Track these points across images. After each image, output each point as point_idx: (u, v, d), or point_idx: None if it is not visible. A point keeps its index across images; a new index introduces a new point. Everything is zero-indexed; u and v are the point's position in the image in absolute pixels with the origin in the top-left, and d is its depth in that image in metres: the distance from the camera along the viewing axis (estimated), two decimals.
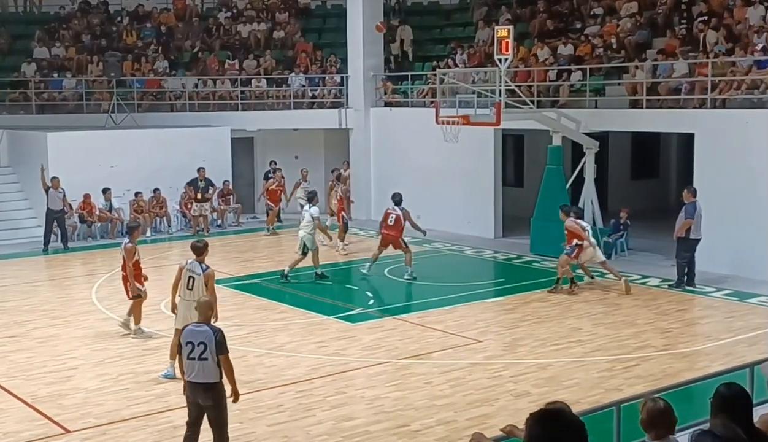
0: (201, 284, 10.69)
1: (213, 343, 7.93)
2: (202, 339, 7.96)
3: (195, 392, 8.10)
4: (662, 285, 15.86)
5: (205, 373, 7.97)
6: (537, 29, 22.58)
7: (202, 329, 8.07)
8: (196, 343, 7.97)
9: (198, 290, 10.66)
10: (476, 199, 21.18)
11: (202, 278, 10.71)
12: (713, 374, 9.52)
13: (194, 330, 8.12)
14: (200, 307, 8.40)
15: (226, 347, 8.06)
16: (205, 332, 8.02)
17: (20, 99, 25.09)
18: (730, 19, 18.44)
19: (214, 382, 8.01)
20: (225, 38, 27.25)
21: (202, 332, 8.02)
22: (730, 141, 16.37)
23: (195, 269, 10.84)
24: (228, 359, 8.05)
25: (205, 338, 7.96)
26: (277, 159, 23.95)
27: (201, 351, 7.94)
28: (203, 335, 7.99)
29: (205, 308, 8.33)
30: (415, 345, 12.40)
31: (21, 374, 11.33)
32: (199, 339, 7.97)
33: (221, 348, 7.98)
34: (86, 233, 21.42)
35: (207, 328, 8.08)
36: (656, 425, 5.21)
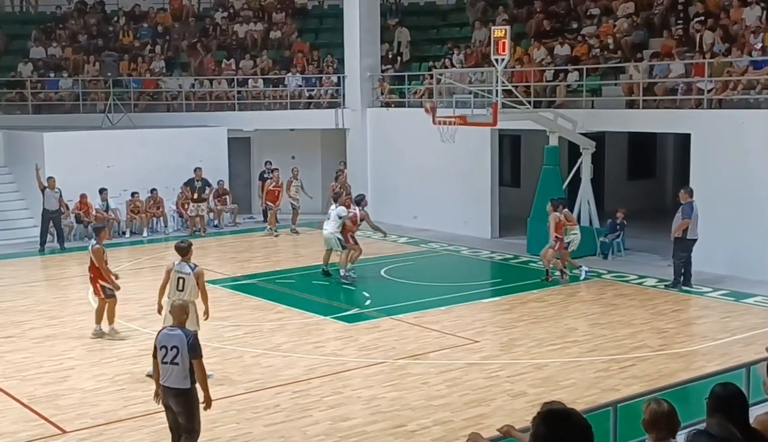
0: (192, 283, 10.74)
1: (185, 347, 7.82)
2: (175, 343, 7.87)
3: (167, 397, 8.05)
4: (659, 285, 15.87)
5: (177, 378, 7.88)
6: (534, 29, 22.59)
7: (176, 333, 7.97)
8: (169, 347, 7.88)
9: (189, 289, 10.73)
10: (473, 199, 21.19)
11: (193, 277, 10.75)
12: (709, 374, 9.53)
13: (168, 334, 8.03)
14: (174, 311, 8.30)
15: (200, 351, 7.95)
16: (178, 336, 7.92)
17: (17, 99, 25.06)
18: (726, 20, 18.46)
19: (184, 388, 7.92)
20: (222, 38, 27.24)
21: (175, 336, 7.93)
22: (727, 141, 16.40)
23: (184, 270, 10.87)
24: (201, 363, 7.93)
25: (177, 342, 7.87)
26: (273, 159, 23.94)
27: (173, 355, 7.85)
28: (176, 339, 7.90)
29: (179, 312, 8.23)
30: (412, 345, 12.41)
31: (17, 375, 11.32)
32: (172, 343, 7.89)
33: (194, 352, 7.86)
34: (83, 233, 21.38)
35: (180, 332, 7.98)
36: (659, 427, 5.20)
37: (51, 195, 19.99)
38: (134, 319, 13.92)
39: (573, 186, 19.06)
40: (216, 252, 20.70)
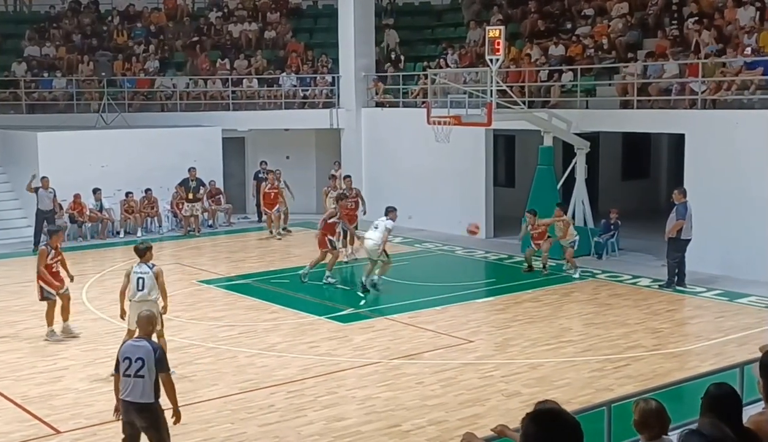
0: (152, 282, 10.82)
1: (152, 360, 7.50)
2: (141, 355, 7.54)
3: (128, 412, 7.67)
4: (653, 285, 15.90)
5: (140, 392, 7.53)
6: (528, 29, 22.62)
7: (141, 345, 7.65)
8: (134, 359, 7.54)
9: (149, 287, 10.82)
10: (468, 199, 21.19)
11: (152, 275, 10.83)
12: (703, 374, 9.55)
13: (133, 345, 7.72)
14: (140, 322, 7.94)
15: (167, 364, 7.72)
16: (144, 348, 7.59)
17: (10, 99, 24.99)
18: (720, 20, 18.50)
19: (148, 402, 7.56)
20: (216, 38, 27.22)
21: (141, 348, 7.60)
22: (721, 142, 16.43)
23: (142, 269, 10.92)
24: (169, 377, 7.68)
25: (143, 354, 7.53)
26: (268, 159, 23.93)
27: (138, 368, 7.50)
28: (142, 351, 7.57)
29: (145, 323, 7.88)
30: (407, 345, 12.41)
31: (11, 375, 11.29)
32: (137, 355, 7.55)
33: (161, 366, 7.56)
34: (77, 233, 21.36)
35: (146, 343, 7.65)
36: (649, 425, 5.23)
37: (45, 195, 19.94)
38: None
39: (567, 186, 19.08)
40: (210, 252, 20.70)
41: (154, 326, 8.15)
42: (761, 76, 16.35)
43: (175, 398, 7.70)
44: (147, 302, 10.66)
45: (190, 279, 17.06)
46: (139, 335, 7.90)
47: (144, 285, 10.84)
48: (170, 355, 11.88)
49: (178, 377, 11.08)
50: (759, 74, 16.39)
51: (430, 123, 18.07)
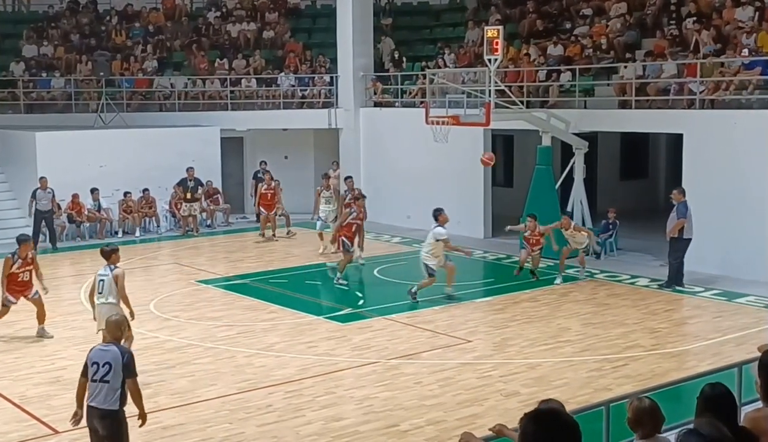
0: (110, 284, 10.72)
1: (119, 365, 7.32)
2: (108, 360, 7.36)
3: (91, 417, 7.48)
4: (651, 285, 15.91)
5: (105, 397, 7.35)
6: (526, 30, 22.62)
7: (109, 349, 7.47)
8: (101, 363, 7.37)
9: (107, 291, 10.73)
10: (466, 199, 21.19)
11: (111, 278, 10.73)
12: (701, 374, 9.54)
13: (101, 350, 7.52)
14: (109, 326, 7.77)
15: (135, 370, 7.47)
16: (112, 353, 7.40)
17: (8, 98, 24.96)
18: (719, 20, 18.51)
19: (111, 409, 7.37)
20: (214, 38, 27.21)
21: (109, 352, 7.42)
22: (719, 141, 16.44)
23: (103, 272, 10.87)
24: (136, 383, 7.45)
25: (111, 359, 7.35)
26: (266, 159, 23.91)
27: (104, 372, 7.33)
28: (109, 356, 7.38)
29: (113, 328, 7.69)
30: (405, 345, 12.41)
31: (9, 375, 11.29)
32: (104, 359, 7.37)
33: (129, 370, 7.37)
34: (75, 233, 21.35)
35: (115, 348, 7.47)
36: (643, 424, 5.25)
37: (43, 195, 19.93)
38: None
39: (566, 186, 19.08)
40: (208, 252, 20.68)
41: (123, 331, 7.89)
42: (759, 76, 16.36)
43: (141, 403, 7.53)
44: (107, 305, 10.63)
45: (189, 279, 17.06)
46: (107, 340, 7.70)
47: (103, 288, 10.79)
48: (168, 355, 11.98)
49: (176, 376, 11.12)
50: (757, 74, 16.40)
51: (428, 123, 18.07)
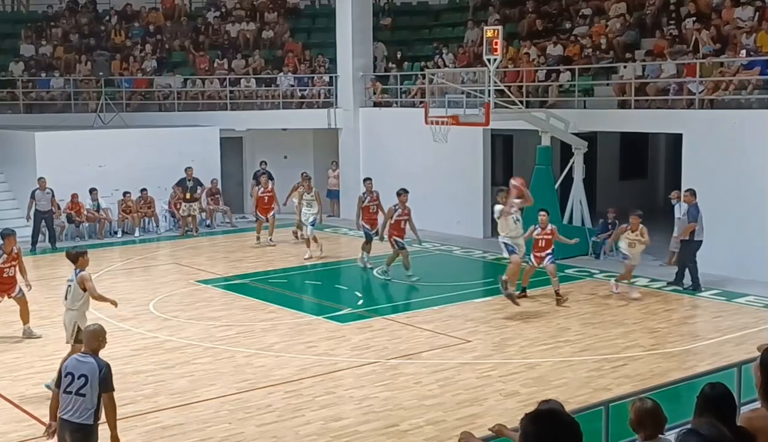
0: (75, 289, 10.32)
1: (96, 378, 6.99)
2: (84, 372, 7.02)
3: (63, 430, 7.15)
4: (651, 285, 15.90)
5: (79, 411, 7.01)
6: (526, 29, 22.62)
7: (86, 361, 7.11)
8: (77, 375, 7.03)
9: (73, 296, 10.35)
10: (465, 199, 21.20)
11: (75, 283, 10.35)
12: (701, 374, 9.55)
13: (78, 361, 7.17)
14: (86, 336, 7.40)
15: (112, 384, 7.13)
16: (89, 365, 7.06)
17: (8, 98, 24.97)
18: (718, 20, 18.51)
19: (84, 423, 7.03)
20: (214, 38, 27.21)
21: (86, 364, 7.07)
22: (718, 141, 16.44)
23: (70, 277, 10.51)
24: (112, 398, 7.11)
25: (87, 372, 7.01)
26: (266, 159, 23.92)
27: (80, 385, 7.00)
28: (86, 368, 7.04)
29: (90, 338, 7.30)
30: (404, 345, 12.41)
31: (8, 375, 11.28)
32: (80, 371, 7.03)
33: (106, 385, 7.03)
34: (74, 232, 21.35)
35: (92, 360, 7.12)
36: (645, 425, 5.24)
37: (42, 196, 19.90)
38: (126, 319, 13.88)
39: (565, 186, 19.09)
40: (208, 252, 20.67)
41: (101, 342, 7.37)
42: (759, 76, 16.36)
43: (114, 421, 7.16)
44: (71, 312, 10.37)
45: (188, 279, 17.05)
46: (84, 350, 7.29)
47: (68, 294, 10.44)
48: (168, 355, 11.97)
49: (176, 376, 11.12)
50: (756, 74, 16.40)
51: (428, 123, 18.07)
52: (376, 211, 17.74)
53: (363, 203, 17.73)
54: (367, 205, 17.69)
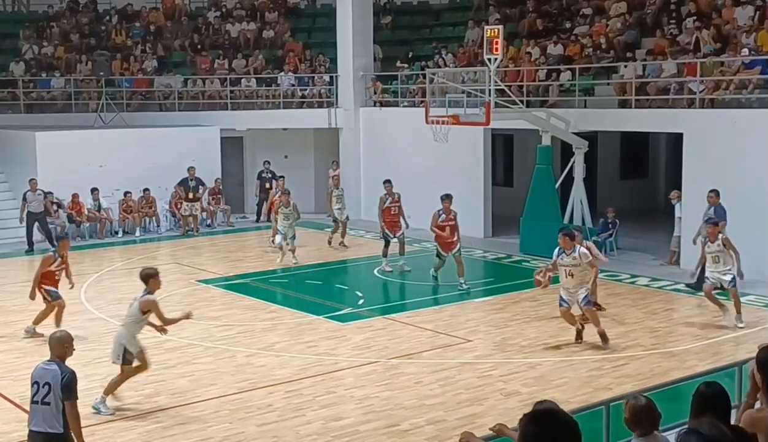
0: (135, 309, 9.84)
1: (58, 385, 6.69)
2: (48, 379, 6.73)
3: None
4: (651, 285, 15.89)
5: (46, 420, 6.72)
6: (526, 29, 22.62)
7: (51, 368, 6.83)
8: (42, 383, 6.75)
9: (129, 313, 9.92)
10: (466, 198, 21.13)
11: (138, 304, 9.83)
12: (701, 373, 9.55)
13: (43, 369, 6.88)
14: (51, 343, 7.06)
15: (75, 392, 6.77)
16: (52, 372, 6.78)
17: (8, 98, 24.99)
18: (719, 19, 18.51)
19: (56, 433, 6.73)
20: (214, 38, 27.21)
21: (50, 371, 6.80)
22: (719, 141, 16.43)
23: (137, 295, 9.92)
24: (74, 406, 6.76)
25: (50, 379, 6.73)
26: (266, 159, 23.92)
27: (44, 393, 6.71)
28: (49, 375, 6.75)
29: (56, 345, 7.00)
30: (405, 345, 12.41)
31: (9, 375, 11.28)
32: (45, 379, 6.75)
33: (67, 393, 6.69)
34: (75, 232, 21.35)
35: (56, 366, 6.83)
36: (640, 422, 5.26)
37: (33, 197, 19.75)
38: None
39: (565, 186, 19.08)
40: (209, 252, 20.68)
41: (67, 349, 7.08)
42: (759, 75, 16.36)
43: (80, 431, 6.85)
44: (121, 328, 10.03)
45: (189, 279, 17.05)
46: (51, 358, 6.97)
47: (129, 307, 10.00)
48: (168, 354, 11.96)
49: (176, 376, 11.12)
50: (757, 73, 16.40)
51: (428, 123, 18.07)
52: (397, 214, 17.54)
53: (384, 205, 17.50)
54: (389, 207, 17.47)
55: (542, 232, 18.28)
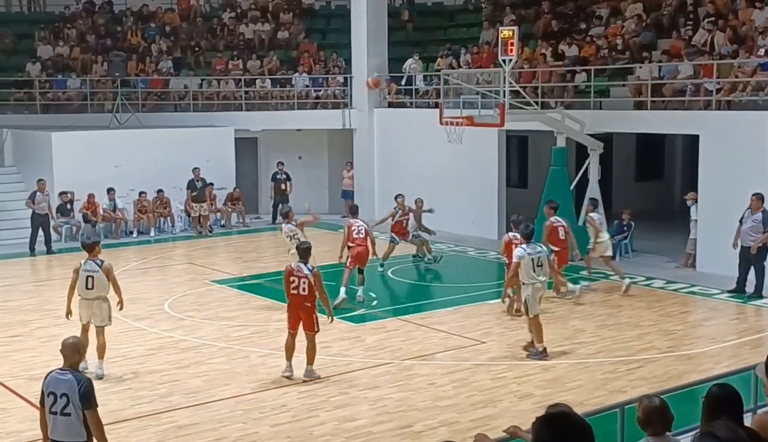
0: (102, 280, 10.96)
1: (76, 395, 6.59)
2: (65, 390, 6.62)
3: None
4: (667, 287, 15.81)
5: (68, 431, 6.64)
6: (541, 30, 22.56)
7: (66, 378, 6.68)
8: (59, 394, 6.63)
9: (99, 286, 10.96)
10: (480, 200, 21.16)
11: (101, 274, 10.94)
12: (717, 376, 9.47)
13: (57, 378, 6.72)
14: (65, 350, 6.91)
15: (94, 400, 6.69)
16: (69, 382, 6.65)
17: (25, 99, 25.14)
18: (735, 21, 18.41)
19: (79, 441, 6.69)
20: (229, 38, 27.28)
21: (66, 382, 6.65)
22: (735, 143, 16.33)
23: (92, 268, 11.00)
24: (96, 414, 6.68)
25: (67, 389, 6.62)
26: (280, 159, 23.96)
27: (63, 404, 6.60)
28: (66, 385, 6.63)
29: (70, 351, 6.87)
30: (419, 346, 12.39)
31: (24, 374, 11.33)
32: (61, 390, 6.63)
33: (86, 401, 6.61)
34: (90, 232, 21.41)
35: (71, 376, 6.69)
36: (653, 422, 5.25)
37: (42, 198, 19.76)
38: (141, 318, 13.94)
39: (580, 187, 19.02)
40: (223, 252, 20.74)
41: (82, 355, 7.02)
42: None
43: (104, 437, 6.73)
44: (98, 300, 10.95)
45: (203, 279, 17.09)
46: (64, 366, 6.83)
47: (93, 284, 10.94)
48: (183, 354, 12.00)
49: (190, 376, 11.14)
50: None
51: (442, 124, 18.04)
52: (406, 225, 17.94)
53: (395, 219, 17.83)
54: (400, 221, 17.81)
55: None
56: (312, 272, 10.75)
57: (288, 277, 10.81)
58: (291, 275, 10.79)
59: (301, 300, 10.76)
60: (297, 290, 10.73)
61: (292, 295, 10.81)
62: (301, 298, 10.74)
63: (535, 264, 11.68)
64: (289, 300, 10.92)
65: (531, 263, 11.65)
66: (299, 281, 10.73)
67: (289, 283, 10.82)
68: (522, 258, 11.64)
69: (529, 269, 11.63)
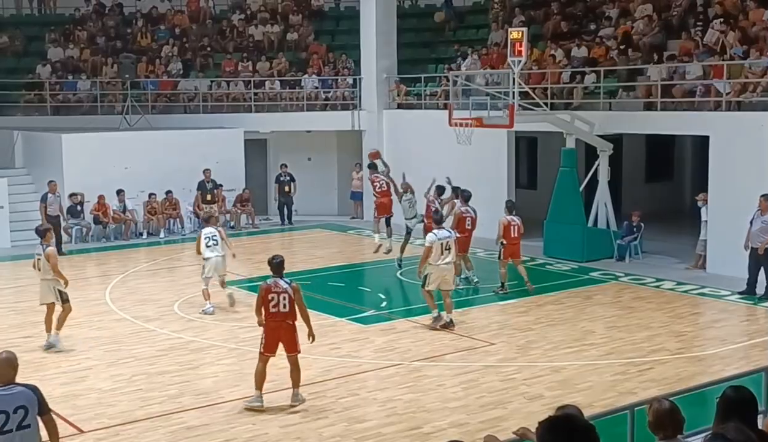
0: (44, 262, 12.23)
1: (35, 404, 6.30)
2: (21, 403, 6.21)
3: None
4: (676, 288, 15.77)
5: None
6: (551, 31, 22.53)
7: (15, 392, 6.25)
8: (11, 410, 6.15)
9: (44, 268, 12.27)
10: (489, 201, 21.03)
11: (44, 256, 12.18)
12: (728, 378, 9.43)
13: (3, 396, 6.20)
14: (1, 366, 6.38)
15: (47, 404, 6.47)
16: (21, 394, 6.26)
17: (35, 101, 25.23)
18: (745, 21, 18.34)
19: None
20: (238, 40, 27.33)
21: (16, 395, 6.23)
22: (746, 144, 16.28)
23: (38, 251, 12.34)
24: (52, 418, 6.50)
25: (24, 401, 6.23)
26: (289, 161, 24.02)
27: (20, 418, 6.20)
28: (20, 398, 6.22)
29: (6, 367, 6.34)
30: (428, 347, 12.39)
31: (35, 374, 11.33)
32: (14, 405, 6.17)
33: (46, 406, 6.41)
34: (100, 233, 21.51)
35: (20, 388, 6.31)
36: (663, 426, 5.23)
37: (54, 199, 19.84)
38: (151, 320, 13.98)
39: (590, 188, 18.98)
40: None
41: (17, 368, 6.47)
42: None
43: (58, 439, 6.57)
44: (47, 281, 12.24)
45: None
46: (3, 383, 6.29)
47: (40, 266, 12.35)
48: (193, 355, 12.03)
49: (200, 377, 11.17)
50: None
51: (451, 125, 18.04)
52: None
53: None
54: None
55: (566, 235, 18.22)
56: (290, 285, 10.02)
57: (265, 295, 9.94)
58: (269, 291, 9.92)
59: (282, 318, 9.91)
60: (277, 308, 9.87)
61: (271, 314, 9.91)
62: (281, 316, 9.89)
63: (443, 248, 13.03)
64: (267, 320, 9.99)
65: (440, 247, 13.01)
66: (278, 297, 9.88)
67: (267, 301, 9.92)
68: (433, 243, 12.97)
69: (437, 253, 12.97)
